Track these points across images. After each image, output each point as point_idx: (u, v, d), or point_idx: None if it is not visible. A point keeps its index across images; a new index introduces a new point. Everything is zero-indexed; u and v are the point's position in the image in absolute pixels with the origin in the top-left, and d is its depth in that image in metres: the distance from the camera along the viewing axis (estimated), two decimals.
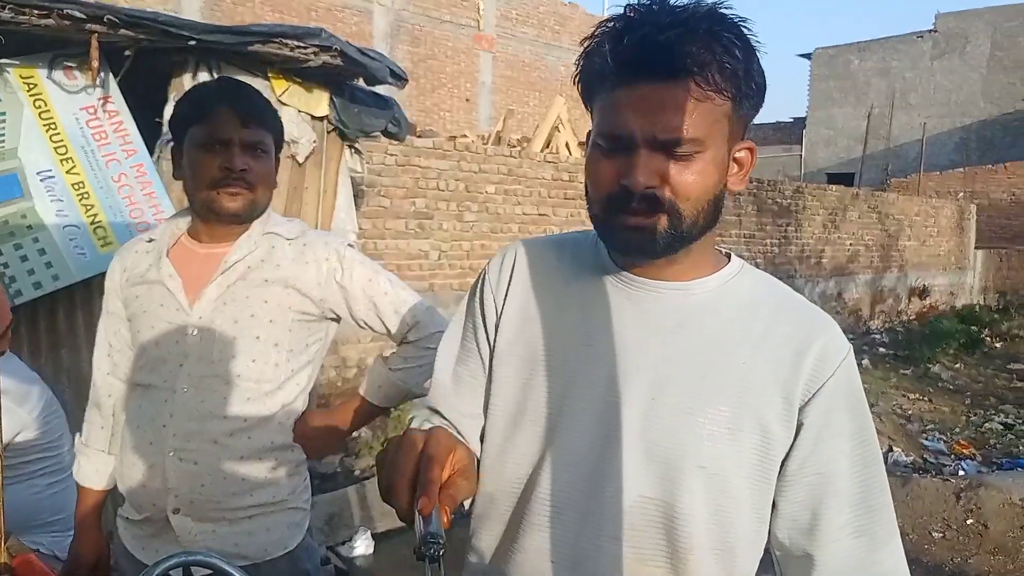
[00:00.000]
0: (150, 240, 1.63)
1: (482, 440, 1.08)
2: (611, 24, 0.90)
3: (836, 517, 0.95)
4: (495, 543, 1.06)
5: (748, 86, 0.90)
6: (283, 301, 1.54)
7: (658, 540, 0.96)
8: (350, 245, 1.63)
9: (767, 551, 1.02)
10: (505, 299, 1.08)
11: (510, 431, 1.04)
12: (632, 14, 0.89)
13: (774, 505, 0.98)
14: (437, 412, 1.10)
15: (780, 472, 0.97)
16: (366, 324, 1.62)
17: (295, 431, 1.59)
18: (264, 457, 1.54)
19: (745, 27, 0.90)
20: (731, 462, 0.94)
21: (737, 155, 0.95)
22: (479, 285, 1.12)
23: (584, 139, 1.14)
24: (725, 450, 0.94)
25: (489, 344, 1.09)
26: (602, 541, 0.96)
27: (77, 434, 1.72)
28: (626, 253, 0.99)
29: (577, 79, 0.96)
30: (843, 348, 0.97)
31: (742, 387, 0.94)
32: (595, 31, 0.93)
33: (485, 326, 1.09)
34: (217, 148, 1.48)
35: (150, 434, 1.51)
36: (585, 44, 0.94)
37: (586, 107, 0.98)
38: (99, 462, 1.68)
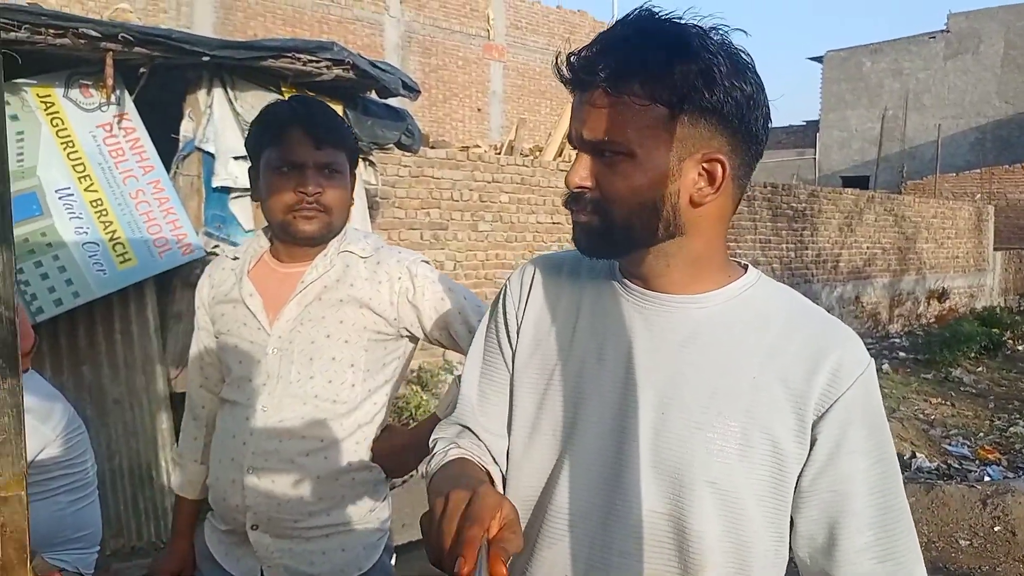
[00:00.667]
0: (235, 258, 1.64)
1: None
2: None
3: (856, 538, 0.92)
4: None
5: (694, 94, 0.87)
6: (358, 321, 1.53)
7: (669, 557, 0.94)
8: (424, 261, 1.63)
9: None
10: (523, 314, 1.09)
11: (527, 445, 1.04)
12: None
13: (792, 523, 0.96)
14: (467, 428, 1.10)
15: (795, 489, 0.94)
16: (439, 342, 1.61)
17: (373, 450, 1.59)
18: (340, 477, 1.54)
19: (702, 40, 0.88)
20: (742, 478, 0.92)
21: (704, 166, 0.92)
22: (500, 300, 1.13)
23: None
24: (735, 466, 0.92)
25: (513, 355, 1.09)
26: (612, 556, 0.95)
27: (174, 444, 1.74)
28: (579, 251, 1.00)
29: None
30: (861, 362, 0.94)
31: (752, 402, 0.92)
32: None
33: (509, 339, 1.10)
34: (291, 171, 1.48)
35: (232, 450, 1.53)
36: None
37: None
38: (192, 472, 1.70)
